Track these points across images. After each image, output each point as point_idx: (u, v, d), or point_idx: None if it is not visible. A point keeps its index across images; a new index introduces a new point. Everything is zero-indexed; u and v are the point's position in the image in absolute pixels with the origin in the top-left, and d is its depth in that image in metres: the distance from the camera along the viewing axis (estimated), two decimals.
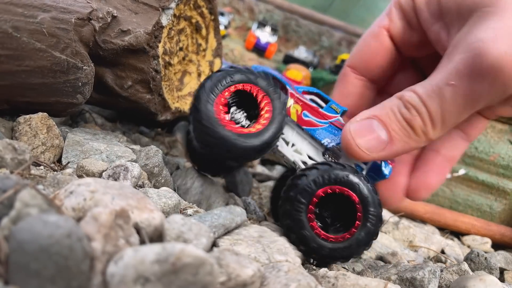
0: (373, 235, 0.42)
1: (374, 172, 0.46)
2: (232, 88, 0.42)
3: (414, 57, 0.53)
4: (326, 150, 0.46)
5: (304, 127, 0.45)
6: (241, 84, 0.43)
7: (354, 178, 0.41)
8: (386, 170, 0.46)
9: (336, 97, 0.53)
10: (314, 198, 0.41)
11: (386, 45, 0.50)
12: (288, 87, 0.45)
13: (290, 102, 0.45)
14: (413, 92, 0.40)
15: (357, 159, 0.42)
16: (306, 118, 0.45)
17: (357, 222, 0.41)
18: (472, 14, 0.39)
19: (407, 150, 0.42)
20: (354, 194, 0.41)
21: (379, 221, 0.42)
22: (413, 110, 0.40)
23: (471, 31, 0.38)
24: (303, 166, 0.45)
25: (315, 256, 0.42)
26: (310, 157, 0.46)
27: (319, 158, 0.46)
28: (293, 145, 0.46)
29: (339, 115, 0.46)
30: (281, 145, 0.46)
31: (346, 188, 0.41)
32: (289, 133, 0.46)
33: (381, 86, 0.54)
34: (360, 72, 0.52)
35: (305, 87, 0.47)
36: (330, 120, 0.45)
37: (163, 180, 0.50)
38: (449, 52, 0.40)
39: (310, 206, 0.41)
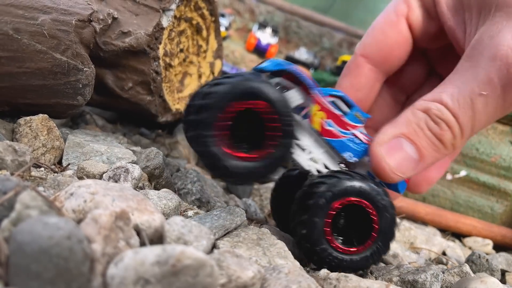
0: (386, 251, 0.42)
1: (387, 184, 0.44)
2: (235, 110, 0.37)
3: (424, 48, 0.50)
4: (344, 162, 0.43)
5: (327, 138, 0.42)
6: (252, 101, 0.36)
7: (373, 191, 0.39)
8: (400, 186, 0.44)
9: (346, 89, 0.50)
10: (332, 211, 0.39)
11: (405, 35, 0.47)
12: (312, 90, 0.41)
13: (314, 108, 0.41)
14: (440, 104, 0.38)
15: (389, 182, 0.41)
16: (330, 128, 0.42)
17: (373, 234, 0.40)
18: (494, 13, 0.38)
19: (434, 163, 0.41)
20: (372, 207, 0.39)
21: (393, 236, 0.41)
22: (443, 124, 0.38)
23: (496, 34, 0.37)
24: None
25: (326, 267, 0.40)
26: (326, 167, 0.43)
27: (335, 168, 0.43)
28: (309, 152, 0.42)
29: (362, 124, 0.43)
30: (296, 153, 0.42)
31: (365, 201, 0.39)
32: (307, 140, 0.42)
33: (388, 77, 0.51)
34: (374, 64, 0.49)
35: (331, 89, 0.43)
36: (353, 131, 0.43)
37: (163, 182, 0.50)
38: (471, 54, 0.39)
39: (329, 217, 0.39)
